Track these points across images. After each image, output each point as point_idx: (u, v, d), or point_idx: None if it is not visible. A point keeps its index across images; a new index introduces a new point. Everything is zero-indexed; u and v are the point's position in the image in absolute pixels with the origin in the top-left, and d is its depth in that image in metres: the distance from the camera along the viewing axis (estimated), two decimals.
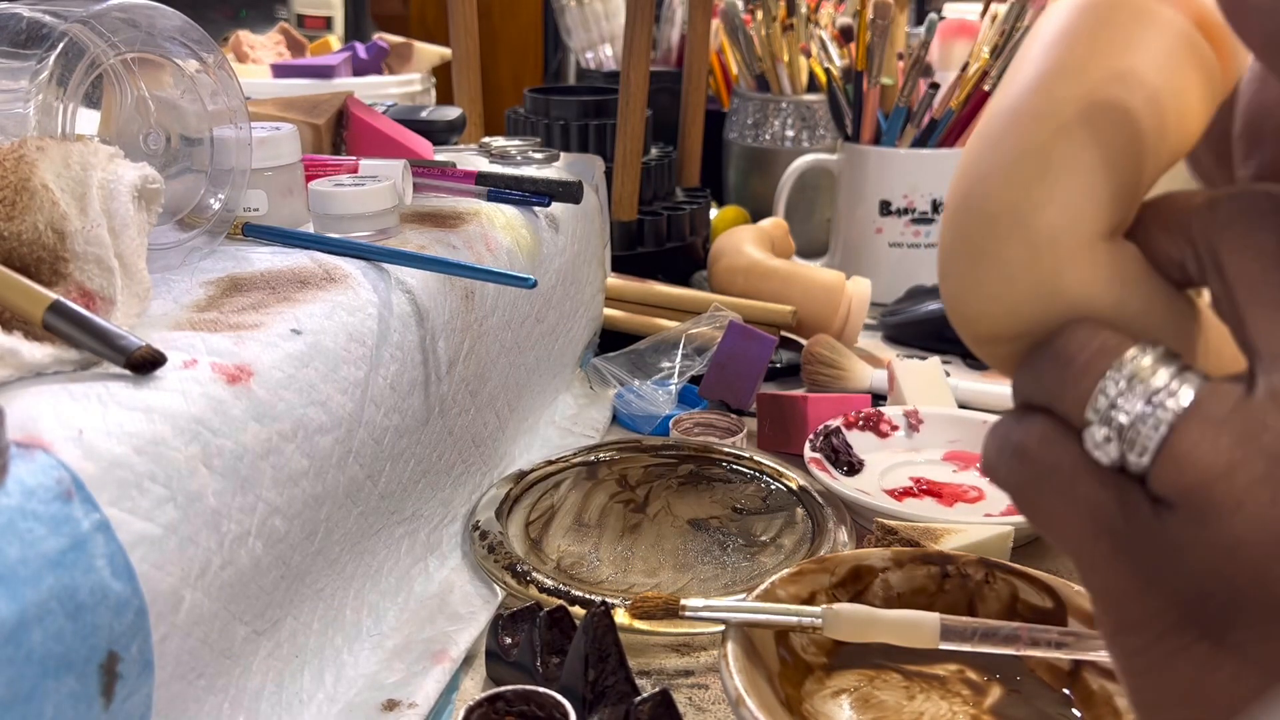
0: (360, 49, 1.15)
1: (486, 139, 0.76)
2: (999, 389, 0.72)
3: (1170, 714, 0.21)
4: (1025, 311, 0.22)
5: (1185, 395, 0.20)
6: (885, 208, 0.94)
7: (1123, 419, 0.20)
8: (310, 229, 0.53)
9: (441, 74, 1.09)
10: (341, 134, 0.68)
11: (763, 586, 0.43)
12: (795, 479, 0.59)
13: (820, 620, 0.41)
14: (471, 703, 0.38)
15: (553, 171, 0.71)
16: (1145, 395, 0.20)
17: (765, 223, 0.92)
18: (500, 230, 0.60)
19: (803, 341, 0.77)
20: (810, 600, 0.44)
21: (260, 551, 0.37)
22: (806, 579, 0.45)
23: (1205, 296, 0.23)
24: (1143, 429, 0.20)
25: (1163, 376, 0.20)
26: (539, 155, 0.73)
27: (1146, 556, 0.21)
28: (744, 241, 0.87)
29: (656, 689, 0.38)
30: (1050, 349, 0.22)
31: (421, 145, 0.70)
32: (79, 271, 0.36)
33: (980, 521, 0.53)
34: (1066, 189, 0.21)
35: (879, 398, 0.71)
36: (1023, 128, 0.22)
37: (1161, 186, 0.23)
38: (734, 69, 1.13)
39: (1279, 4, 0.19)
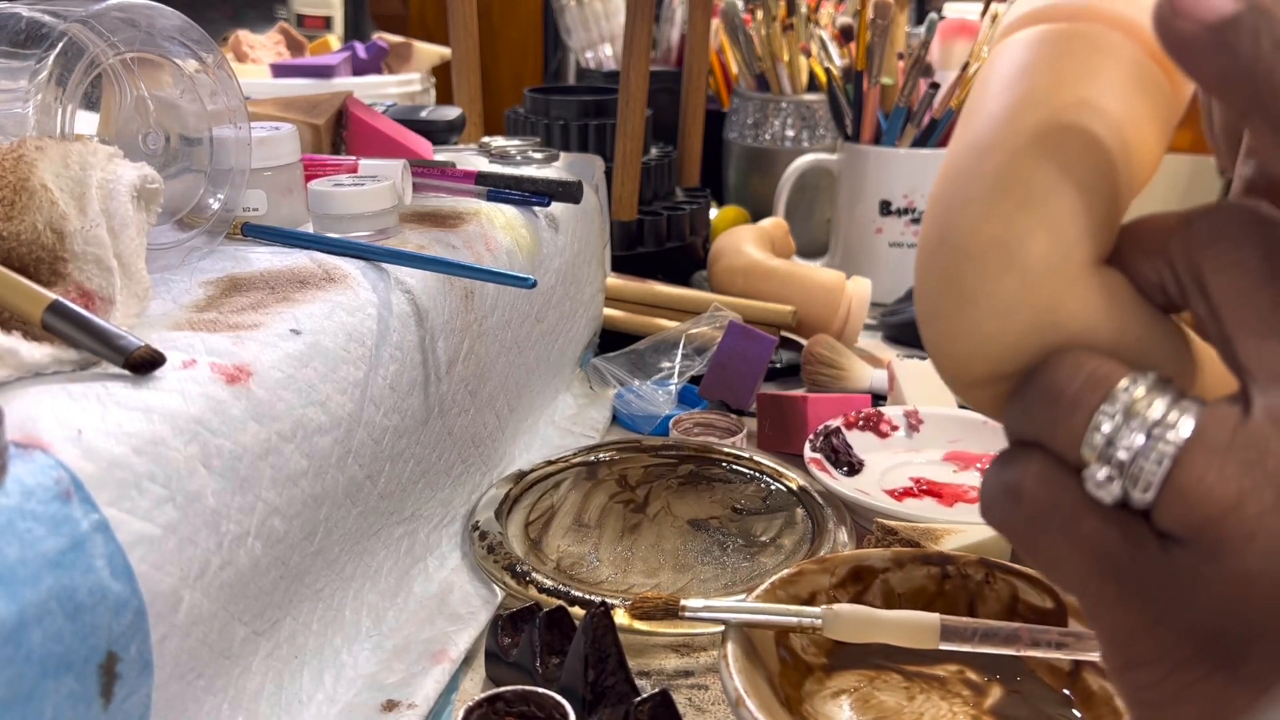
0: (360, 49, 1.15)
1: (486, 139, 0.76)
2: None
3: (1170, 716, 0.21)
4: (1023, 347, 0.21)
5: (1185, 425, 0.19)
6: (885, 208, 0.94)
7: (1122, 455, 0.20)
8: (310, 229, 0.53)
9: (441, 74, 1.09)
10: (341, 134, 0.68)
11: (763, 587, 0.43)
12: (795, 479, 0.59)
13: (820, 621, 0.41)
14: (471, 703, 0.38)
15: (552, 171, 0.71)
16: (1143, 428, 0.19)
17: (765, 223, 0.92)
18: (500, 230, 0.60)
19: (803, 341, 0.77)
20: (810, 601, 0.44)
21: (259, 552, 0.37)
22: (806, 579, 0.45)
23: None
24: (1145, 464, 0.19)
25: (1159, 406, 0.20)
26: (539, 155, 0.73)
27: (1155, 593, 0.20)
28: (744, 241, 0.87)
29: (656, 689, 0.38)
30: (1037, 384, 0.21)
31: (421, 145, 0.70)
32: (78, 271, 0.36)
33: (980, 522, 0.53)
34: (1052, 217, 0.21)
35: (879, 398, 0.71)
36: (996, 160, 0.21)
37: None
38: (734, 69, 1.13)
39: (1221, 40, 0.19)
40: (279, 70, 1.08)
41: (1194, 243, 0.20)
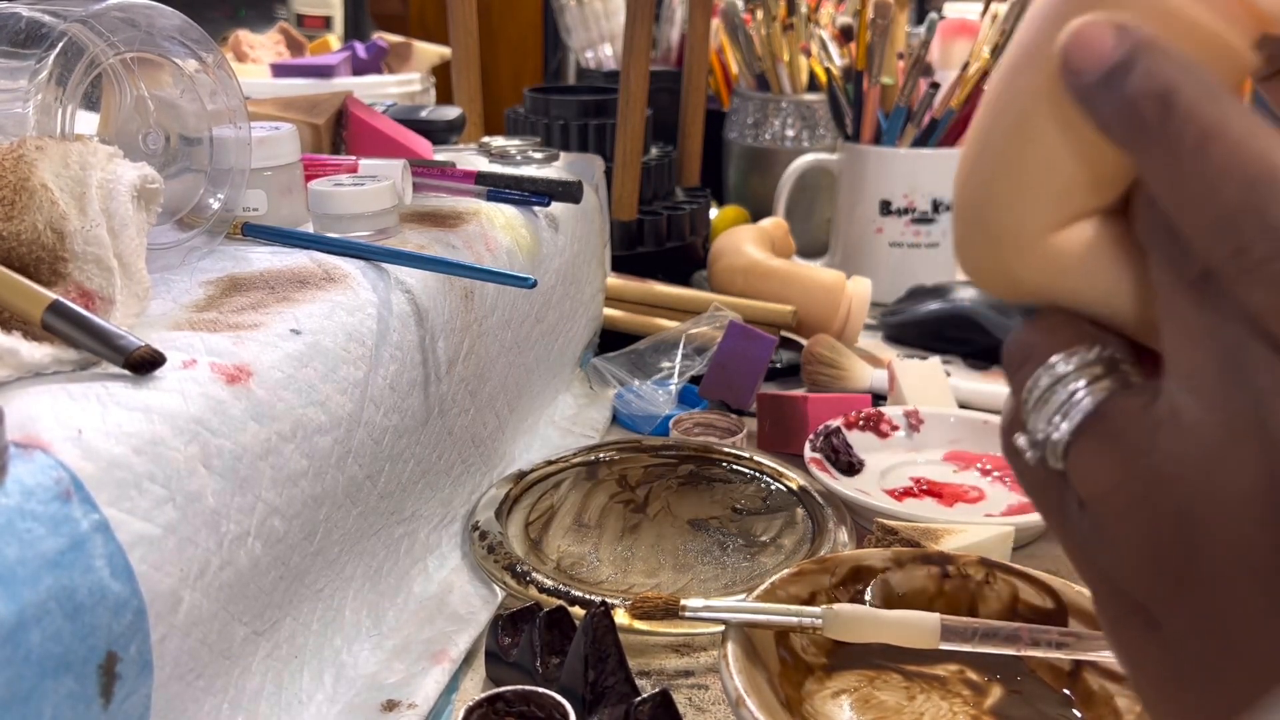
0: (359, 48, 1.15)
1: (486, 138, 0.76)
2: (999, 389, 0.72)
3: (1129, 672, 0.23)
4: (998, 290, 0.23)
5: (1084, 409, 0.21)
6: (885, 207, 0.94)
7: (1038, 433, 0.22)
8: (310, 229, 0.53)
9: (441, 74, 1.09)
10: (341, 134, 0.68)
11: (763, 587, 0.43)
12: (795, 479, 0.59)
13: (820, 620, 0.41)
14: (471, 703, 0.38)
15: (552, 171, 0.71)
16: (1053, 409, 0.21)
17: (765, 222, 0.92)
18: (500, 230, 0.60)
19: (803, 341, 0.76)
20: (810, 600, 0.44)
21: (259, 552, 0.37)
22: (806, 579, 0.45)
23: None
24: (1049, 441, 0.21)
25: (1071, 388, 0.21)
26: (539, 155, 0.73)
27: (1078, 538, 0.22)
28: (744, 241, 0.87)
29: (656, 689, 0.38)
30: (1006, 345, 0.23)
31: (421, 145, 0.70)
32: (78, 271, 0.36)
33: (980, 521, 0.53)
34: (1017, 186, 0.22)
35: (879, 398, 0.71)
36: (986, 119, 0.22)
37: None
38: (734, 68, 1.13)
39: (1092, 97, 0.20)
40: (279, 70, 1.08)
41: (1151, 223, 0.21)
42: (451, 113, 0.79)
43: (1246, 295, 0.18)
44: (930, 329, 0.85)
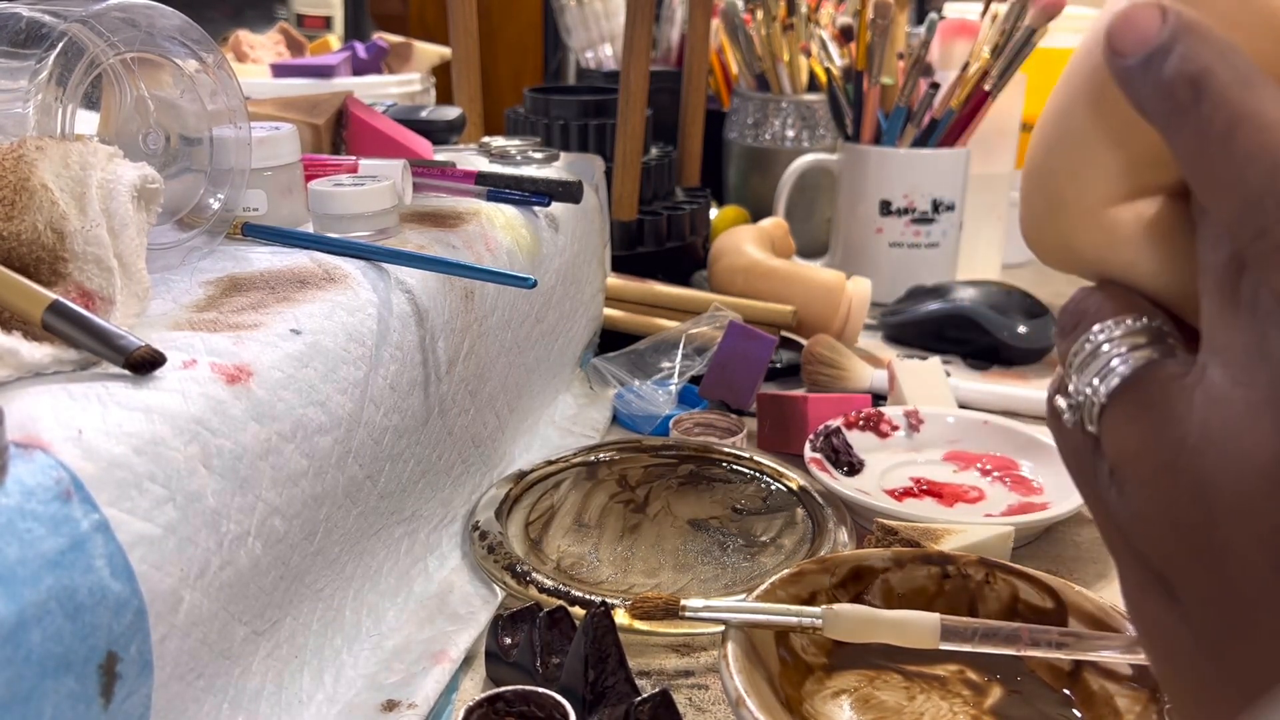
0: (360, 48, 1.15)
1: (486, 139, 0.76)
2: (999, 389, 0.72)
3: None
4: (1057, 261, 0.24)
5: (1121, 373, 0.22)
6: (885, 208, 0.94)
7: (1077, 395, 0.22)
8: (310, 229, 0.53)
9: (441, 74, 1.09)
10: (341, 134, 0.68)
11: (763, 587, 0.43)
12: (795, 479, 0.59)
13: (820, 620, 0.41)
14: (471, 703, 0.38)
15: (553, 171, 0.71)
16: (1093, 372, 0.22)
17: (765, 222, 0.92)
18: (500, 230, 0.60)
19: (803, 341, 0.77)
20: (810, 600, 0.44)
21: (259, 552, 0.37)
22: (806, 579, 0.45)
23: None
24: (1085, 403, 0.22)
25: (1111, 353, 0.22)
26: (539, 155, 0.73)
27: (1105, 502, 0.22)
28: (744, 241, 0.87)
29: (656, 689, 0.38)
30: (1060, 310, 0.24)
31: (421, 145, 0.70)
32: (78, 271, 0.36)
33: (981, 522, 0.53)
34: (1074, 159, 0.23)
35: (879, 398, 0.71)
36: (1062, 91, 0.23)
37: None
38: (734, 68, 1.13)
39: (1132, 79, 0.20)
40: (279, 70, 1.08)
41: (1195, 203, 0.21)
42: (451, 113, 0.79)
43: (1270, 277, 0.19)
44: (930, 329, 0.85)
